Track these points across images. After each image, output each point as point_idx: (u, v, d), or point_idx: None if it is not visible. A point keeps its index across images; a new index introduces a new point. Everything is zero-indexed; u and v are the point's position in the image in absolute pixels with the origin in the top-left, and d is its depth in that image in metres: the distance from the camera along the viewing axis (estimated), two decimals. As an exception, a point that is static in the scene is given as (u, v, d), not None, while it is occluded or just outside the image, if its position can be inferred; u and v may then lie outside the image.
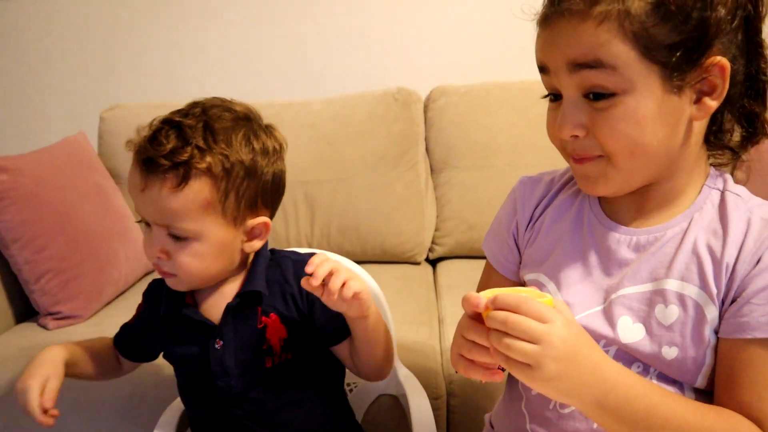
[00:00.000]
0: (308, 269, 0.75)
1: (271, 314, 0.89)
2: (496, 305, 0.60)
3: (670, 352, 0.68)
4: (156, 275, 0.92)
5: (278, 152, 0.89)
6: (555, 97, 0.72)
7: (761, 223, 0.67)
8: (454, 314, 1.49)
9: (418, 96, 1.92)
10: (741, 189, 0.73)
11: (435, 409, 1.22)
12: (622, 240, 0.74)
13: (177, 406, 1.08)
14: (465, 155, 1.87)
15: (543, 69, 0.71)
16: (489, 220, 0.92)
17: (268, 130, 0.90)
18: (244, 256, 0.91)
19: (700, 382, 0.68)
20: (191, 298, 0.92)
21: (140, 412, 1.28)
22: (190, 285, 0.89)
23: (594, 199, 0.79)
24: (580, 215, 0.80)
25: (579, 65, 0.65)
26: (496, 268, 0.90)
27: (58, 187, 1.60)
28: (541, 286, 0.79)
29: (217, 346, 0.89)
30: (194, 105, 0.86)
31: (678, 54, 0.63)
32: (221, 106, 0.86)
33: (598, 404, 0.61)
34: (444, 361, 1.33)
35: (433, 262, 1.95)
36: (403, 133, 1.86)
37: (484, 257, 0.92)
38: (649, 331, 0.69)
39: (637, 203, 0.74)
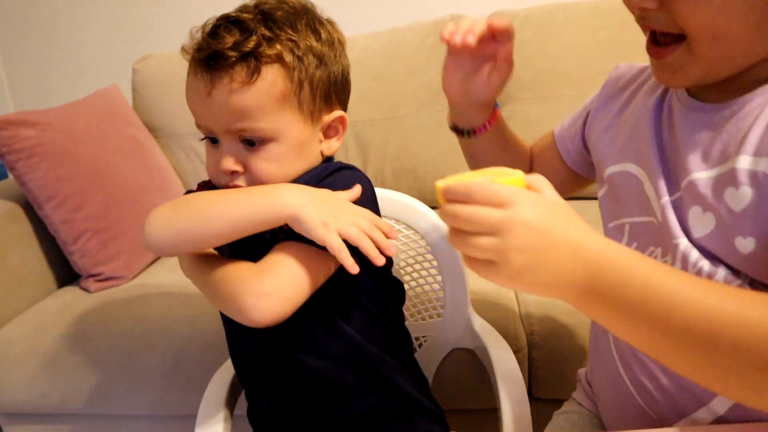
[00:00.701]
0: None
1: None
2: (447, 197, 0.52)
3: (745, 244, 0.55)
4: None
5: (342, 46, 0.78)
6: None
7: None
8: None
9: (473, 23, 1.73)
10: None
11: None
12: (698, 120, 0.62)
13: (226, 369, 0.96)
14: (529, 86, 1.69)
15: None
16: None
17: (329, 22, 0.78)
18: (323, 160, 0.80)
19: None
20: None
21: (187, 377, 1.18)
22: None
23: None
24: (662, 97, 0.69)
25: None
26: (558, 145, 0.88)
27: (91, 141, 1.50)
28: (629, 176, 0.70)
29: None
30: (245, 5, 0.74)
31: None
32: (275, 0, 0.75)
33: (584, 293, 0.51)
34: (522, 311, 1.18)
35: (498, 206, 1.78)
36: (459, 64, 1.69)
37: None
38: (719, 221, 0.57)
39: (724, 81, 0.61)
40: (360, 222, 0.67)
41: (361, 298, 0.79)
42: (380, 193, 0.98)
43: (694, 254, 0.59)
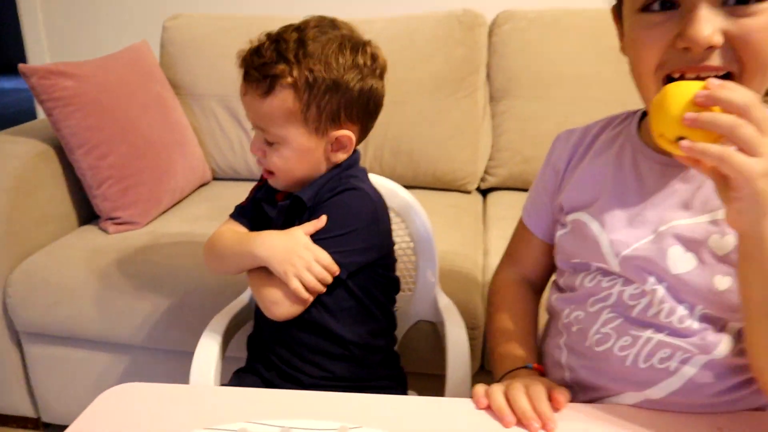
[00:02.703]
0: None
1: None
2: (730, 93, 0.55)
3: (723, 282, 0.66)
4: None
5: (370, 69, 0.93)
6: (664, 5, 0.64)
7: None
8: (499, 246, 1.47)
9: (483, 19, 1.85)
10: None
11: (472, 338, 1.23)
12: (671, 173, 0.71)
13: (223, 315, 1.12)
14: (527, 85, 1.82)
15: None
16: (546, 154, 0.91)
17: (365, 47, 0.93)
18: (332, 165, 0.97)
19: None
20: (282, 196, 1.00)
21: (188, 318, 1.35)
22: (283, 185, 0.98)
23: (634, 134, 0.77)
24: (622, 152, 0.77)
25: None
26: (528, 224, 0.93)
27: (121, 95, 1.64)
28: (583, 225, 0.78)
29: None
30: (297, 24, 0.92)
31: None
32: (322, 24, 0.92)
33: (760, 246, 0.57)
34: (484, 292, 1.33)
35: (485, 192, 1.93)
36: (465, 57, 1.81)
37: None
38: (701, 261, 0.67)
39: None
40: (313, 268, 0.88)
41: (353, 294, 0.97)
42: (398, 191, 1.15)
43: (660, 291, 0.69)
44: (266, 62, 0.87)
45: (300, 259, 0.88)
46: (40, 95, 1.50)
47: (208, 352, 1.02)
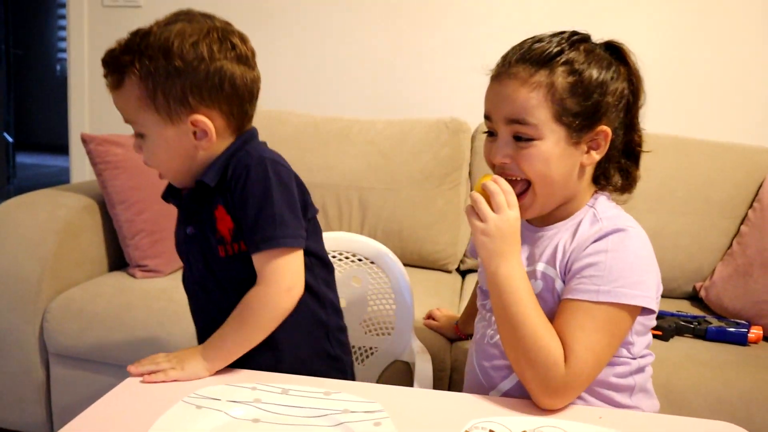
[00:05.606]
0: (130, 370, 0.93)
1: (219, 206, 0.96)
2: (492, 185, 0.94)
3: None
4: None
5: (224, 53, 0.94)
6: (491, 133, 1.01)
7: (597, 228, 0.96)
8: (470, 312, 1.73)
9: (467, 126, 2.18)
10: (603, 208, 1.00)
11: (439, 378, 1.47)
12: (527, 235, 1.04)
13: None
14: None
15: (487, 117, 1.00)
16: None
17: (231, 35, 0.96)
18: (209, 154, 0.97)
19: None
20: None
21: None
22: (174, 179, 1.04)
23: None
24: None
25: (511, 120, 0.95)
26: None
27: (158, 164, 1.94)
28: None
29: (188, 231, 1.03)
30: (173, 14, 0.96)
31: (579, 120, 0.94)
32: (188, 15, 0.95)
33: (493, 275, 0.93)
34: (453, 346, 1.57)
35: (464, 273, 2.20)
36: (450, 156, 2.13)
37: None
38: None
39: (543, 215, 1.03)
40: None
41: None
42: (369, 242, 1.44)
43: None
44: (115, 55, 0.91)
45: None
46: (94, 158, 1.81)
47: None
